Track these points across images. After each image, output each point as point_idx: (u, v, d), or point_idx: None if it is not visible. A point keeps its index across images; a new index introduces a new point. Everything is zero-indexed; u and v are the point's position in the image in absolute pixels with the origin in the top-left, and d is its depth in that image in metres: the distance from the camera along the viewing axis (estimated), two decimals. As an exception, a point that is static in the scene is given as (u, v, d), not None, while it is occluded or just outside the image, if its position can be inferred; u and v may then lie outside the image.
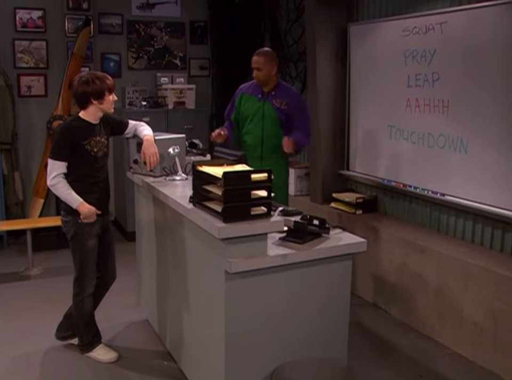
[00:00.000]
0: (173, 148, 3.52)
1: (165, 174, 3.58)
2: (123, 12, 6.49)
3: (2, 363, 3.52)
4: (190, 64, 6.85)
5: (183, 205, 2.86)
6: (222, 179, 2.48)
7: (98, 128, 3.38)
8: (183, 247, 3.08)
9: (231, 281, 2.54)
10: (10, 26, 6.04)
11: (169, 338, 3.51)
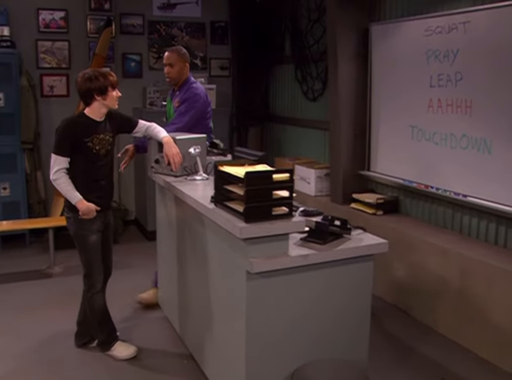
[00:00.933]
0: (194, 148, 3.53)
1: (186, 174, 3.59)
2: (144, 12, 6.52)
3: (22, 359, 3.56)
4: (210, 64, 6.86)
5: (205, 205, 2.86)
6: (244, 179, 2.48)
7: (102, 126, 3.40)
8: (203, 247, 3.09)
9: (252, 281, 2.54)
10: (34, 27, 6.12)
11: (189, 337, 3.53)
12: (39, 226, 5.31)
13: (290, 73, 6.31)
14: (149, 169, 3.84)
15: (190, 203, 3.11)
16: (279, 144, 6.64)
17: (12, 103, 5.58)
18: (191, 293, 3.40)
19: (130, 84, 6.42)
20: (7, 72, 5.58)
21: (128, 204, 6.62)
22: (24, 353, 3.64)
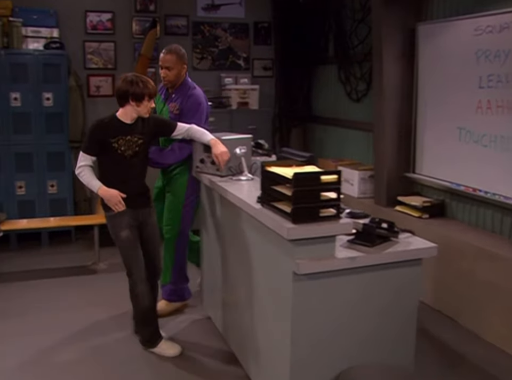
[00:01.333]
0: (239, 148, 3.54)
1: (231, 174, 3.60)
2: (189, 13, 6.58)
3: (67, 354, 3.63)
4: (253, 65, 6.88)
5: (251, 205, 2.86)
6: (292, 180, 2.47)
7: (131, 128, 3.42)
8: (248, 247, 3.09)
9: (298, 282, 2.53)
10: (81, 29, 6.25)
11: (232, 337, 3.53)
12: (85, 223, 5.42)
13: (333, 74, 6.28)
14: (194, 169, 3.87)
15: (235, 203, 3.12)
16: (321, 145, 6.60)
17: (60, 103, 5.71)
18: (234, 292, 3.41)
19: (174, 84, 6.49)
20: (56, 72, 5.71)
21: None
22: (67, 347, 3.72)
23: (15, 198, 5.73)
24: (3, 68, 5.57)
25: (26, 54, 5.68)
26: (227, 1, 6.71)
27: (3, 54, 5.57)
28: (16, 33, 5.67)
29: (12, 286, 4.76)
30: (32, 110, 5.68)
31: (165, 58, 3.89)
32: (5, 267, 5.20)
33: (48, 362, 3.53)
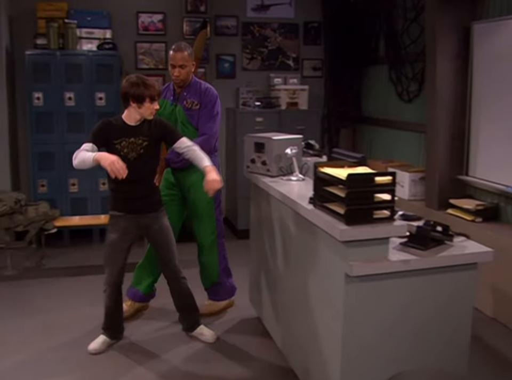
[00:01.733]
0: (290, 149, 3.52)
1: (281, 174, 3.60)
2: (238, 14, 6.61)
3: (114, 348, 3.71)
4: (303, 65, 6.85)
5: (303, 205, 2.85)
6: (346, 181, 2.45)
7: (136, 130, 3.40)
8: (299, 247, 3.08)
9: (351, 284, 2.50)
10: (133, 30, 6.36)
11: (281, 337, 3.52)
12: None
13: (384, 74, 6.19)
14: (245, 169, 3.88)
15: (286, 203, 3.11)
16: (370, 146, 6.53)
17: (112, 102, 5.81)
18: (284, 292, 3.40)
19: (223, 85, 6.53)
20: (109, 73, 5.83)
21: (218, 202, 6.71)
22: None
23: (68, 196, 5.88)
24: (58, 69, 5.72)
25: (80, 54, 5.82)
26: (277, 1, 6.70)
27: (59, 55, 5.72)
28: (71, 35, 5.81)
29: (64, 281, 4.88)
30: (86, 109, 5.81)
31: (177, 57, 3.81)
32: (57, 262, 5.34)
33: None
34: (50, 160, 5.80)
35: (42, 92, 5.71)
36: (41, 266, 5.20)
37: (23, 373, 3.36)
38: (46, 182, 5.82)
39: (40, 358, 3.54)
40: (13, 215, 4.96)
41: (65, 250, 5.69)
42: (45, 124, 5.74)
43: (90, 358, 3.55)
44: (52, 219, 5.14)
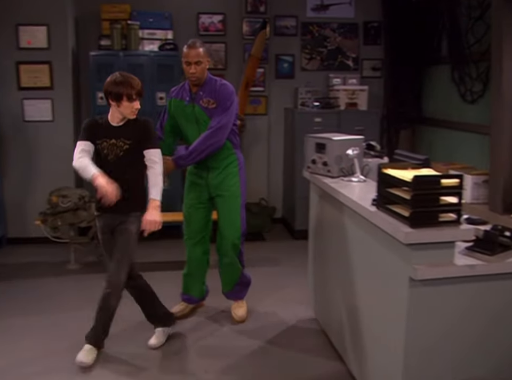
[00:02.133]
0: (352, 150, 3.49)
1: (342, 175, 3.57)
2: (298, 14, 6.60)
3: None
4: (362, 65, 6.78)
5: (366, 207, 2.82)
6: (411, 183, 2.41)
7: (119, 131, 3.35)
8: (360, 249, 3.05)
9: (415, 288, 2.46)
10: (194, 31, 6.45)
11: (339, 338, 3.50)
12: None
13: (446, 74, 6.04)
14: (305, 169, 3.87)
15: (348, 205, 3.09)
16: (430, 147, 6.39)
17: (172, 102, 5.91)
18: (342, 294, 3.38)
19: (282, 85, 6.55)
20: (170, 73, 5.92)
21: (275, 202, 6.74)
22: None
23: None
24: (121, 69, 5.80)
25: (142, 55, 5.95)
26: (336, 1, 6.66)
27: (121, 55, 5.87)
28: (133, 36, 5.94)
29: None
30: (146, 109, 5.90)
31: (192, 53, 3.68)
32: (118, 258, 5.46)
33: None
34: (112, 158, 5.93)
35: (105, 92, 5.87)
36: (103, 261, 5.33)
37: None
38: (107, 179, 5.96)
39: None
40: (77, 211, 5.11)
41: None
42: (108, 123, 5.89)
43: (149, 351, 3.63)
44: (114, 215, 5.26)
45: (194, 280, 4.16)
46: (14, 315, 4.08)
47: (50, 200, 5.09)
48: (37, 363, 3.48)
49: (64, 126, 5.96)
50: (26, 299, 3.71)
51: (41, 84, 5.87)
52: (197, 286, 4.18)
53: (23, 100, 5.85)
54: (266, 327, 3.93)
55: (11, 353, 3.59)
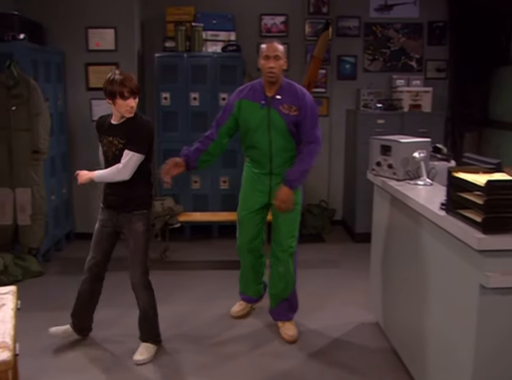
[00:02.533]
0: (418, 152, 3.44)
1: (408, 178, 3.52)
2: (361, 14, 6.53)
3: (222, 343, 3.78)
4: (426, 66, 6.65)
5: (434, 211, 2.77)
6: (485, 188, 2.35)
7: (115, 130, 3.40)
8: (426, 254, 3.00)
9: (486, 296, 2.39)
10: (256, 32, 6.49)
11: (401, 345, 3.45)
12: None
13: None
14: (369, 171, 3.84)
15: (415, 208, 3.03)
16: (497, 151, 6.20)
17: (235, 103, 5.97)
18: (406, 299, 3.33)
19: (344, 86, 6.51)
20: (232, 74, 5.98)
21: (335, 204, 6.71)
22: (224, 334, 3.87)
23: (190, 192, 6.11)
24: (185, 70, 5.97)
25: (205, 56, 6.03)
26: (400, 1, 6.55)
27: (185, 56, 5.96)
28: (197, 37, 6.03)
29: (182, 274, 5.08)
30: (209, 109, 6.00)
31: (272, 47, 3.51)
32: (179, 255, 5.57)
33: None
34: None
35: (169, 92, 5.99)
36: (165, 258, 5.44)
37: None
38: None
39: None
40: (141, 209, 5.23)
41: (186, 244, 5.92)
42: (171, 122, 6.00)
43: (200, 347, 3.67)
44: (176, 214, 5.36)
45: (250, 283, 4.13)
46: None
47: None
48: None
49: (129, 126, 6.11)
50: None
51: (108, 85, 6.04)
52: (252, 287, 4.15)
53: (91, 100, 6.03)
54: (326, 330, 3.90)
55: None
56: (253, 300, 4.21)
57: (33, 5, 5.79)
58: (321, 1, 6.41)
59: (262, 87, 3.60)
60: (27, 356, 3.19)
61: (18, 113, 4.84)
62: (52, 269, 5.04)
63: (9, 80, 4.77)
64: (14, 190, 4.92)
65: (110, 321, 4.02)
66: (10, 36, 4.97)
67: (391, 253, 3.59)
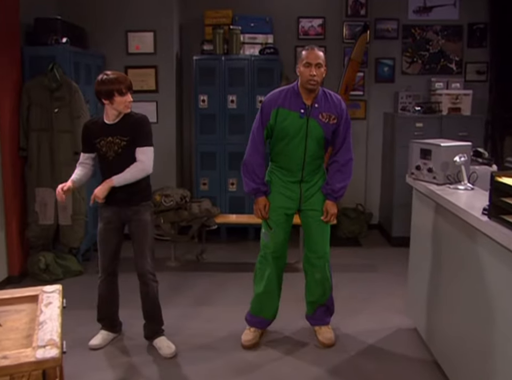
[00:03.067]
0: (459, 156, 3.39)
1: (448, 182, 3.47)
2: (399, 16, 6.48)
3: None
4: (466, 69, 6.55)
5: (476, 216, 2.73)
6: (530, 193, 2.31)
7: (113, 128, 3.43)
8: (468, 260, 2.95)
9: (531, 304, 2.35)
10: (294, 35, 6.50)
11: (443, 354, 3.38)
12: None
13: (559, 78, 5.74)
14: (408, 175, 3.80)
15: (456, 213, 2.99)
16: (539, 155, 6.09)
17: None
18: (448, 306, 3.28)
19: (382, 89, 6.46)
20: (269, 77, 6.01)
21: (372, 208, 6.66)
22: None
23: (227, 194, 6.16)
24: (223, 73, 6.01)
25: (243, 59, 6.06)
26: (440, 2, 6.48)
27: (223, 59, 6.01)
28: (235, 40, 6.07)
29: (218, 276, 5.10)
30: (246, 112, 6.03)
31: (313, 54, 3.38)
32: (215, 257, 5.62)
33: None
34: (212, 160, 6.11)
35: (207, 95, 6.04)
36: (201, 259, 5.49)
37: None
38: (207, 180, 6.14)
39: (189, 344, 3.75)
40: (178, 211, 5.29)
41: (222, 246, 5.97)
42: (208, 125, 6.05)
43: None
44: (213, 216, 5.40)
45: (271, 299, 3.82)
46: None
47: (154, 199, 5.29)
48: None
49: (168, 128, 6.20)
50: (129, 291, 3.92)
51: (147, 87, 6.14)
52: (272, 305, 3.83)
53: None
54: (363, 335, 3.88)
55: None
56: (266, 324, 3.88)
57: (76, 9, 5.92)
58: (360, 3, 6.38)
59: (299, 94, 3.48)
60: (69, 353, 3.26)
61: (60, 115, 4.95)
62: (91, 269, 5.13)
63: (52, 83, 4.88)
64: (55, 190, 5.02)
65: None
66: (53, 40, 5.09)
67: (431, 258, 3.55)
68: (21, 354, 1.71)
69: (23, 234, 5.06)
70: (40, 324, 1.91)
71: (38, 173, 5.00)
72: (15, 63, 4.93)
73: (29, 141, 4.97)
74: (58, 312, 2.01)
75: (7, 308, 2.15)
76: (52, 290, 2.22)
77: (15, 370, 1.65)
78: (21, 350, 1.74)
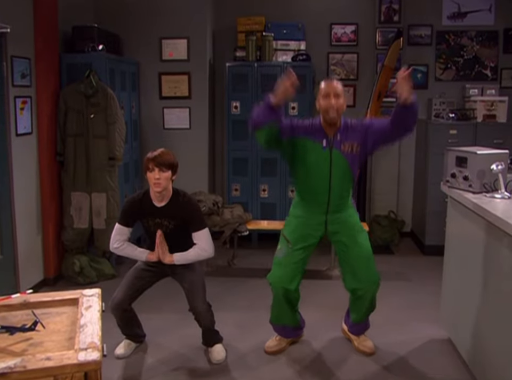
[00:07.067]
0: (496, 164, 3.35)
1: (484, 191, 3.43)
2: (433, 22, 6.43)
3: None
4: (501, 75, 6.46)
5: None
6: None
7: (161, 212, 3.42)
8: (506, 270, 2.91)
9: None
10: (326, 41, 6.51)
11: (477, 361, 3.35)
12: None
13: None
14: (443, 183, 3.77)
15: (493, 222, 2.95)
16: None
17: (305, 112, 5.97)
18: (485, 316, 3.23)
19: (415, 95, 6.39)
20: (302, 83, 5.92)
21: (405, 215, 6.60)
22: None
23: (258, 200, 6.18)
24: (255, 79, 6.04)
25: (275, 65, 6.08)
26: (475, 8, 6.41)
27: (256, 66, 6.04)
28: (267, 47, 6.11)
29: (248, 281, 5.11)
30: (278, 117, 6.04)
31: (332, 85, 3.30)
32: (246, 263, 5.63)
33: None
34: (244, 166, 6.14)
35: (239, 101, 6.08)
36: (233, 265, 5.51)
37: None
38: (239, 186, 6.17)
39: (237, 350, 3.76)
40: (210, 216, 5.33)
41: (253, 252, 5.98)
42: (241, 131, 6.08)
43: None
44: (245, 221, 5.42)
45: (285, 311, 3.74)
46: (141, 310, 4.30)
47: (186, 205, 5.34)
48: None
49: (200, 134, 6.26)
50: (160, 296, 3.94)
51: (180, 94, 6.21)
52: (288, 315, 3.75)
53: (163, 109, 6.22)
54: (395, 345, 3.82)
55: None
56: (290, 331, 3.83)
57: (111, 17, 6.04)
58: (393, 9, 6.35)
59: (321, 128, 3.39)
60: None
61: (96, 121, 5.04)
62: (124, 272, 5.17)
63: (88, 89, 4.98)
64: (90, 194, 5.11)
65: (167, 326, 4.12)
66: (90, 47, 5.19)
67: (467, 268, 3.50)
68: (64, 356, 1.75)
69: (59, 237, 5.16)
70: (81, 327, 1.95)
71: (74, 177, 5.09)
72: (53, 70, 5.04)
73: (66, 146, 5.07)
74: (98, 315, 2.05)
75: (49, 310, 2.21)
76: (92, 294, 2.27)
77: (58, 372, 1.69)
78: (63, 352, 1.79)
